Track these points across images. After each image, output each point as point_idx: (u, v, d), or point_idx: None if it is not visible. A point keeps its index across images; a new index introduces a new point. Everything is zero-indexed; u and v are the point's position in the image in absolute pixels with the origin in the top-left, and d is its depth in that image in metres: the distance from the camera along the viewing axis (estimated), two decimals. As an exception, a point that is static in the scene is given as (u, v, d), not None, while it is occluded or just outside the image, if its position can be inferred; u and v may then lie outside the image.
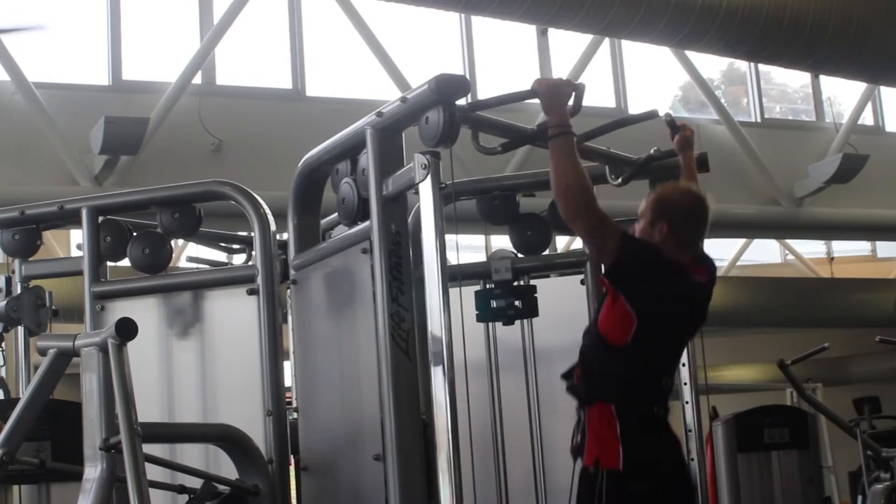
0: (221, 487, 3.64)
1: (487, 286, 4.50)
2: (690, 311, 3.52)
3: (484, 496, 4.33)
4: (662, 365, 3.47)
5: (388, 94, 8.34)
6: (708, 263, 3.60)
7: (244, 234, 5.38)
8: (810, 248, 13.95)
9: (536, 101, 3.42)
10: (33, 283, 4.61)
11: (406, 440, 3.36)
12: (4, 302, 4.56)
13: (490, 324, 4.57)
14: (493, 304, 4.39)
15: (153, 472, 3.29)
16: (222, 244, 5.58)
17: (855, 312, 11.87)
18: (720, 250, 12.35)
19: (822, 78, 11.60)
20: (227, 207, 4.23)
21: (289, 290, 4.26)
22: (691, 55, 10.33)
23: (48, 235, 5.15)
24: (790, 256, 13.98)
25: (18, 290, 4.57)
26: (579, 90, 3.50)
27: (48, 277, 4.63)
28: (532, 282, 4.56)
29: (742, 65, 11.69)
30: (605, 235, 3.32)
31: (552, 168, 3.29)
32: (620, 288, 3.34)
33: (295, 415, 4.02)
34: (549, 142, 3.32)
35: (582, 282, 4.53)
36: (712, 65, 11.84)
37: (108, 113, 7.90)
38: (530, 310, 4.42)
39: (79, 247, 4.34)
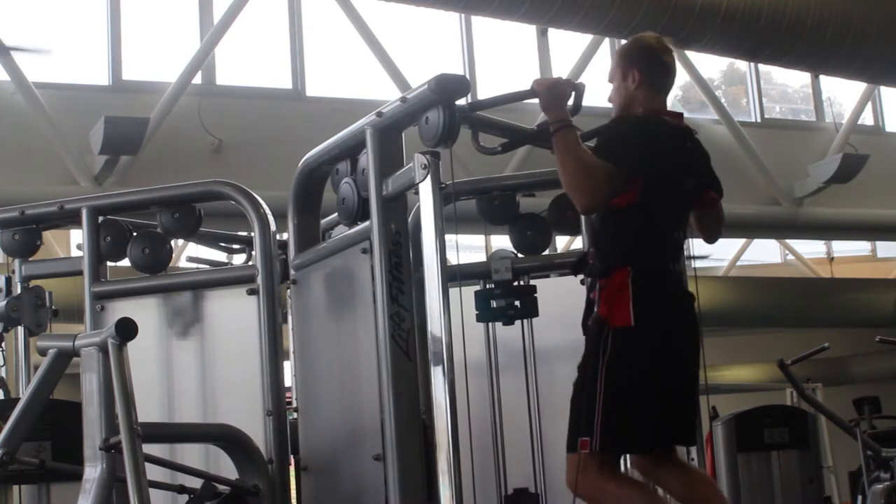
0: (221, 487, 3.64)
1: (487, 286, 4.49)
2: (685, 155, 3.50)
3: (484, 496, 4.32)
4: (672, 217, 3.48)
5: (388, 94, 8.34)
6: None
7: (244, 234, 5.38)
8: (810, 248, 13.95)
9: (536, 100, 3.42)
10: (33, 283, 4.60)
11: (406, 440, 3.36)
12: (4, 302, 4.56)
13: (490, 324, 4.57)
14: (493, 304, 4.38)
15: (153, 472, 3.29)
16: (222, 244, 5.57)
17: (855, 312, 11.87)
18: (720, 250, 12.36)
19: (822, 78, 11.59)
20: (227, 207, 4.22)
21: (289, 290, 4.26)
22: (691, 55, 10.32)
23: (48, 235, 5.15)
24: (790, 256, 13.98)
25: (18, 290, 4.57)
26: (579, 90, 3.51)
27: (48, 277, 4.63)
28: (532, 282, 4.55)
29: (742, 65, 11.69)
30: (620, 187, 3.29)
31: (558, 165, 3.29)
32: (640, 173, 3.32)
33: (295, 415, 4.02)
34: (551, 139, 3.32)
35: (582, 282, 4.52)
36: (712, 65, 11.84)
37: (108, 113, 7.90)
38: (530, 310, 4.41)
39: (79, 247, 4.34)
